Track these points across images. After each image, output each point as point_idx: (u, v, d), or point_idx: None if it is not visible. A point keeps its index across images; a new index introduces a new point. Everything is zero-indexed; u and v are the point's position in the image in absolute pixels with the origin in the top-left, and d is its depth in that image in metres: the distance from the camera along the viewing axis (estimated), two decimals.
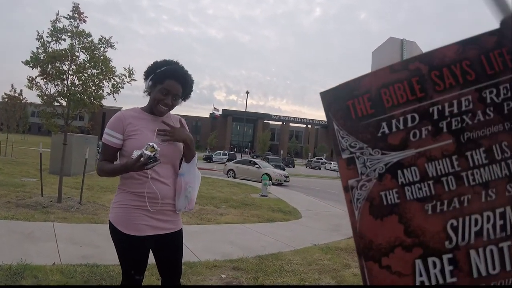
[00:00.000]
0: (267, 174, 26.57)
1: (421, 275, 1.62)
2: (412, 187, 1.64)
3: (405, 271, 1.63)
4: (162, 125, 2.85)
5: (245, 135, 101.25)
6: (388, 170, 1.66)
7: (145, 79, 2.94)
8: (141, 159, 2.54)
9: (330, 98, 1.78)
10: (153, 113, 2.91)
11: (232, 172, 30.92)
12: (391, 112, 1.67)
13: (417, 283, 1.62)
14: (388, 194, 1.66)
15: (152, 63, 2.95)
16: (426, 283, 1.61)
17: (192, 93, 3.07)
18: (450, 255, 1.59)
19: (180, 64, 2.96)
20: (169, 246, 2.96)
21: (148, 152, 2.54)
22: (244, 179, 27.77)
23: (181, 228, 3.02)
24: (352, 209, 1.70)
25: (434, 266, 1.61)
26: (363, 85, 1.73)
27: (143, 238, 2.77)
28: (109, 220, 2.88)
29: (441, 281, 1.60)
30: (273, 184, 25.76)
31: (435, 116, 1.63)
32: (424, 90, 1.64)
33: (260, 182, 24.96)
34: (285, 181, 29.30)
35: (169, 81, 2.80)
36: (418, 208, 1.62)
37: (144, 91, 2.97)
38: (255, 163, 30.76)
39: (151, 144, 2.59)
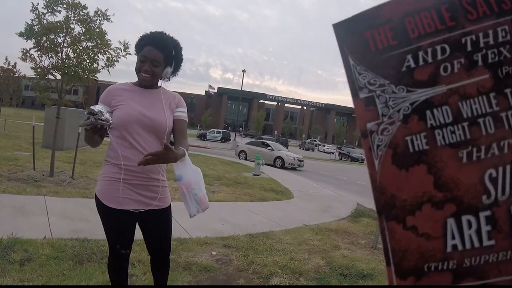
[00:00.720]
0: (280, 157, 26.36)
1: (453, 238, 1.39)
2: (444, 130, 1.40)
3: (434, 232, 1.40)
4: (151, 98, 2.86)
5: (240, 114, 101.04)
6: (415, 110, 1.43)
7: (136, 54, 2.92)
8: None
9: (345, 29, 1.55)
10: (143, 87, 2.89)
11: (243, 153, 29.77)
12: (418, 43, 1.44)
13: (449, 248, 1.39)
14: (415, 139, 1.43)
15: (138, 38, 2.93)
16: (459, 248, 1.38)
17: (182, 62, 3.03)
18: (488, 213, 1.35)
19: (163, 32, 2.92)
20: (156, 223, 2.95)
21: (85, 112, 2.56)
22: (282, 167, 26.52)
23: (169, 205, 2.99)
24: (372, 158, 1.48)
25: (469, 226, 1.37)
26: (383, 14, 1.49)
27: (126, 212, 2.76)
28: (95, 192, 2.89)
29: (476, 244, 1.36)
30: (286, 168, 25.59)
31: (469, 48, 1.39)
32: (455, 19, 1.41)
33: (273, 165, 24.86)
34: (299, 165, 27.38)
35: (146, 47, 2.79)
36: (451, 155, 1.39)
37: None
38: (268, 145, 29.23)
39: (94, 108, 2.57)
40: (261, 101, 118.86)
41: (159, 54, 2.80)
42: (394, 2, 1.49)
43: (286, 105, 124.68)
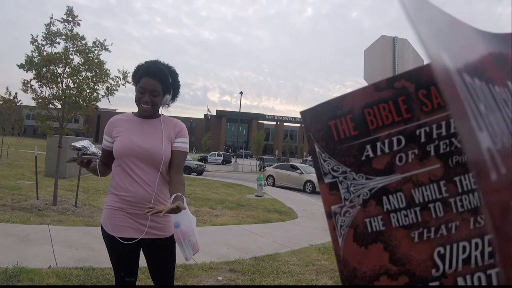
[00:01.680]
0: (311, 181, 24.27)
1: None
2: (398, 213, 1.53)
3: None
4: (150, 128, 2.89)
5: (239, 136, 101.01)
6: (373, 195, 1.56)
7: (134, 85, 2.98)
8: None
9: (310, 118, 1.68)
10: (143, 117, 2.94)
11: (271, 178, 27.45)
12: (376, 134, 1.55)
13: None
14: (373, 221, 1.56)
15: (135, 68, 2.98)
16: None
17: (179, 87, 3.08)
18: (436, 283, 1.49)
19: (158, 60, 2.97)
20: (158, 252, 2.95)
21: (69, 148, 2.68)
22: (285, 187, 25.54)
23: (172, 235, 2.99)
24: (336, 236, 1.61)
25: None
26: (345, 104, 1.61)
27: (128, 240, 2.78)
28: (100, 221, 2.94)
29: None
30: (318, 193, 24.49)
31: (423, 139, 1.51)
32: (410, 111, 1.52)
33: (304, 190, 24.12)
34: None
35: (143, 79, 2.82)
36: (404, 235, 1.52)
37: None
38: (296, 168, 26.97)
39: (77, 143, 2.65)
40: (260, 121, 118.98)
41: (157, 83, 2.83)
42: (355, 94, 1.61)
43: (285, 124, 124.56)
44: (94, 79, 9.72)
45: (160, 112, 3.00)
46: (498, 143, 0.88)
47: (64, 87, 9.60)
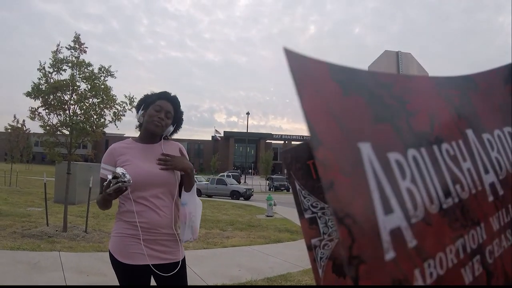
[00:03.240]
0: None
1: None
2: None
3: None
4: (153, 152, 2.89)
5: (247, 156, 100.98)
6: None
7: (137, 110, 3.03)
8: (110, 184, 2.57)
9: (291, 157, 1.73)
10: (144, 142, 2.96)
11: None
12: None
13: None
14: None
15: (142, 96, 3.08)
16: None
17: (182, 123, 3.15)
18: None
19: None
20: (169, 277, 2.92)
21: (109, 176, 2.58)
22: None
23: (183, 258, 2.97)
24: (316, 267, 1.64)
25: None
26: None
27: (139, 267, 2.76)
28: (108, 249, 2.91)
29: None
30: None
31: None
32: None
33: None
34: None
35: (160, 101, 2.93)
36: None
37: (136, 126, 3.09)
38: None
39: (116, 170, 2.61)
40: (267, 141, 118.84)
41: (172, 110, 2.96)
42: None
43: (293, 142, 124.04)
44: (101, 105, 9.80)
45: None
46: (417, 215, 0.96)
47: (71, 114, 9.66)
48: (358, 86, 1.02)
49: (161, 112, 2.88)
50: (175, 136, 3.16)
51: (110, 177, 2.58)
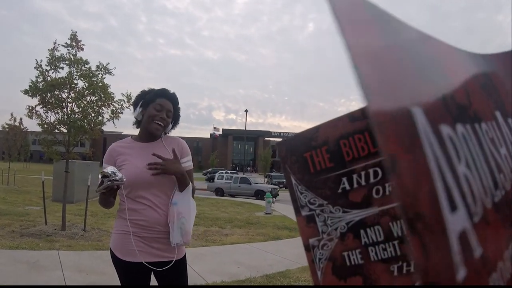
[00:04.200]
0: None
1: None
2: (376, 247, 1.46)
3: None
4: (153, 151, 2.86)
5: (246, 154, 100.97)
6: (350, 229, 1.50)
7: (135, 108, 3.01)
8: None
9: (286, 149, 1.62)
10: (143, 141, 2.95)
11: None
12: (352, 166, 1.48)
13: None
14: (351, 254, 1.49)
15: (139, 92, 3.05)
16: None
17: (179, 119, 3.13)
18: None
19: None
20: (169, 274, 2.91)
21: (100, 176, 2.61)
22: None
23: (183, 256, 2.96)
24: (315, 269, 1.55)
25: None
26: (320, 135, 1.55)
27: (139, 264, 2.76)
28: (109, 246, 2.92)
29: None
30: None
31: None
32: None
33: None
34: None
35: (160, 99, 2.90)
36: (384, 269, 1.44)
37: (134, 123, 3.06)
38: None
39: (106, 169, 2.61)
40: (266, 138, 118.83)
41: (172, 108, 2.94)
42: (330, 124, 1.55)
43: None
44: (99, 103, 9.79)
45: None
46: (477, 212, 0.82)
47: (69, 112, 9.65)
48: (397, 34, 0.89)
49: (162, 112, 2.86)
50: (173, 133, 3.15)
51: (100, 176, 2.61)
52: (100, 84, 9.71)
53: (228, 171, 64.83)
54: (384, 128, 0.63)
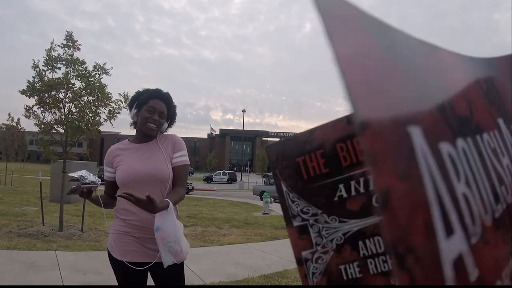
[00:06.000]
0: None
1: None
2: (376, 259, 1.37)
3: None
4: (149, 151, 2.89)
5: (244, 154, 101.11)
6: (348, 240, 1.39)
7: (130, 109, 3.01)
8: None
9: (277, 154, 1.51)
10: (139, 141, 2.96)
11: None
12: (350, 172, 1.39)
13: None
14: (348, 267, 1.39)
15: (134, 93, 3.05)
16: None
17: (175, 118, 3.12)
18: None
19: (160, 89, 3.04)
20: (166, 275, 2.90)
21: (68, 180, 2.65)
22: None
23: None
24: (308, 284, 1.45)
25: None
26: (315, 138, 1.44)
27: (135, 264, 2.77)
28: (107, 246, 2.95)
29: None
30: None
31: None
32: None
33: None
34: None
35: (153, 100, 2.89)
36: (384, 282, 1.35)
37: (131, 124, 3.06)
38: None
39: (73, 174, 2.65)
40: (263, 138, 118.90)
41: (165, 107, 2.93)
42: (326, 127, 1.45)
43: None
44: (96, 103, 9.79)
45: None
46: (476, 232, 0.77)
47: (67, 112, 9.65)
48: (395, 47, 0.81)
49: (155, 114, 2.86)
50: (170, 132, 3.14)
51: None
52: (97, 84, 9.72)
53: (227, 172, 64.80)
54: (377, 158, 0.58)
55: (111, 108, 9.88)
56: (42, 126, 9.70)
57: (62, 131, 9.81)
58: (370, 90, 0.64)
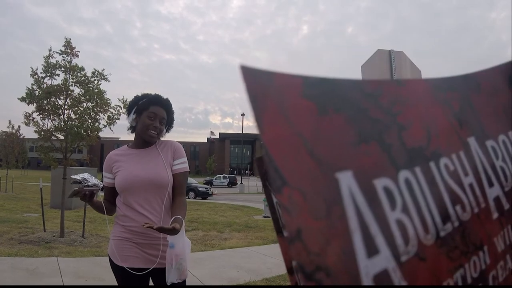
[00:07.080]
0: None
1: None
2: None
3: None
4: (148, 156, 2.89)
5: (243, 157, 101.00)
6: None
7: (128, 114, 2.99)
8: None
9: (263, 162, 1.43)
10: (139, 147, 2.96)
11: None
12: None
13: None
14: None
15: (132, 98, 3.04)
16: None
17: (173, 123, 3.12)
18: None
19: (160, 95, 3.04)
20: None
21: (71, 182, 2.70)
22: None
23: None
24: None
25: None
26: None
27: (136, 270, 2.77)
28: (107, 252, 2.95)
29: None
30: None
31: None
32: None
33: None
34: None
35: (154, 107, 2.88)
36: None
37: (128, 129, 3.05)
38: None
39: (75, 176, 2.68)
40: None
41: (165, 115, 2.93)
42: None
43: None
44: (95, 109, 9.82)
45: None
46: (409, 251, 0.83)
47: (66, 119, 9.68)
48: (337, 101, 0.86)
49: (156, 120, 2.87)
50: (170, 138, 3.15)
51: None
52: (96, 90, 9.75)
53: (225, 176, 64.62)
54: (292, 206, 0.66)
55: (110, 114, 9.93)
56: (42, 132, 9.72)
57: (62, 137, 9.84)
58: (297, 152, 0.72)
